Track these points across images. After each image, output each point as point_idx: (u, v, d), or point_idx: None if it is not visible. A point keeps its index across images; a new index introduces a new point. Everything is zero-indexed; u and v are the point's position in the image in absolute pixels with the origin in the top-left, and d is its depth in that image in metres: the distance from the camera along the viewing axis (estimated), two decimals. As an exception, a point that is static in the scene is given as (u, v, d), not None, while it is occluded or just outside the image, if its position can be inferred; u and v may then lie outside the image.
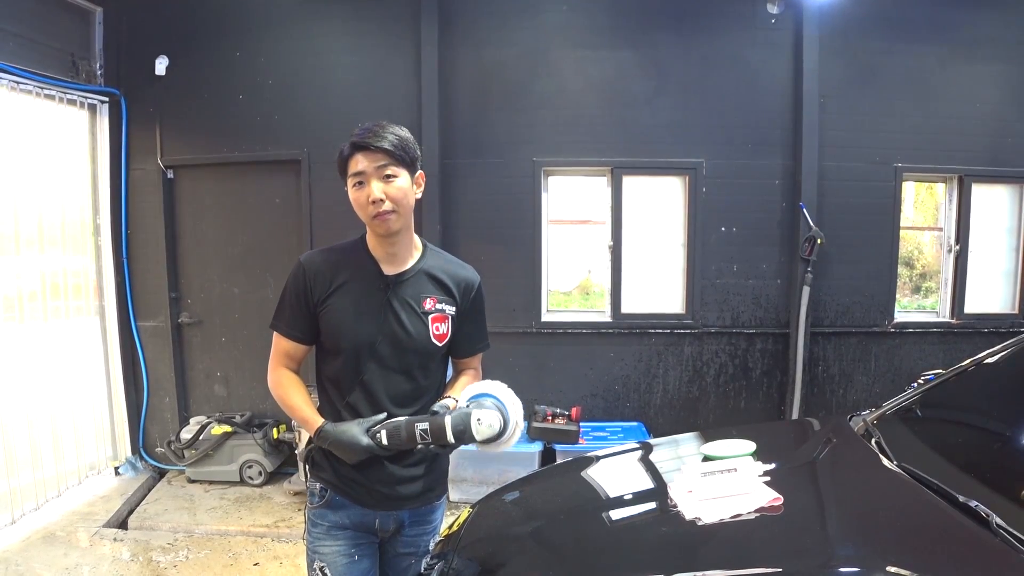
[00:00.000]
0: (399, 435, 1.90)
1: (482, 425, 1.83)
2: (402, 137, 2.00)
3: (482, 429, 1.83)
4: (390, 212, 1.97)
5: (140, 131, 5.42)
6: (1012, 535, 1.56)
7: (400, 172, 1.98)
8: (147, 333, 5.58)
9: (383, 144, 1.95)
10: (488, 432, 1.85)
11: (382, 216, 1.97)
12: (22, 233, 4.72)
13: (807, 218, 5.19)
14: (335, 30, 5.35)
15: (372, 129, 1.98)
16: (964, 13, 5.28)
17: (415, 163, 2.04)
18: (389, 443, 1.90)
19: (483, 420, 1.84)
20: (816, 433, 2.76)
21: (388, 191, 1.96)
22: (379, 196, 1.95)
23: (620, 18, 5.30)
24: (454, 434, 1.84)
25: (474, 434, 1.83)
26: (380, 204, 1.95)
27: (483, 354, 2.27)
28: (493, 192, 5.35)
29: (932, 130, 5.32)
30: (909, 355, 5.48)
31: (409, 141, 2.02)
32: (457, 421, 1.86)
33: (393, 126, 2.01)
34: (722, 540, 1.87)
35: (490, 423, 1.85)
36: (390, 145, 1.95)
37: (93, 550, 4.31)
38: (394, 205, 1.97)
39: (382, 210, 1.96)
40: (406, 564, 2.21)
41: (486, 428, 1.84)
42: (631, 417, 5.48)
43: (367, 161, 1.95)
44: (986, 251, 5.54)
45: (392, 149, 1.95)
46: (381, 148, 1.94)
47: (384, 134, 1.96)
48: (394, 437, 1.91)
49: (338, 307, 2.04)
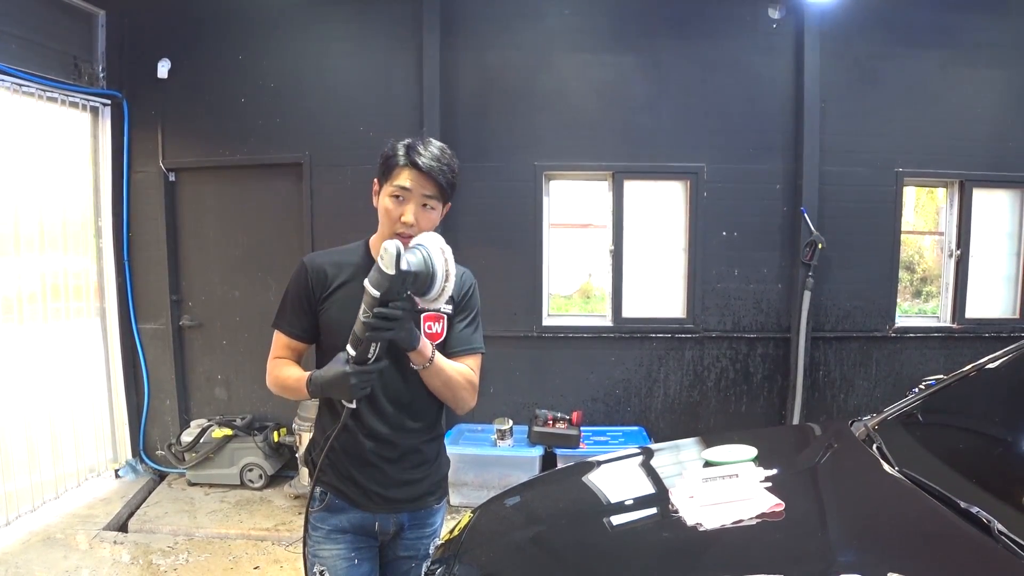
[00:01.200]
0: (355, 336, 1.83)
1: (384, 259, 1.72)
2: (454, 171, 2.02)
3: (385, 261, 1.71)
4: (410, 237, 1.95)
5: (142, 134, 5.43)
6: (1014, 541, 1.55)
7: (439, 207, 2.02)
8: (148, 335, 5.58)
9: (439, 178, 1.97)
10: (389, 257, 1.71)
11: (402, 235, 1.97)
12: (24, 235, 4.73)
13: (808, 222, 5.19)
14: (337, 33, 5.35)
15: (437, 155, 1.98)
16: (965, 18, 5.28)
17: (451, 197, 2.07)
18: (356, 350, 1.83)
19: (383, 255, 1.72)
20: (817, 438, 2.76)
21: (421, 220, 1.98)
22: (412, 221, 1.96)
23: (621, 22, 5.30)
24: (373, 285, 1.74)
25: (384, 270, 1.71)
26: (408, 227, 1.97)
27: (481, 358, 2.20)
28: (494, 196, 5.35)
29: (933, 134, 5.32)
30: (910, 360, 5.47)
31: (456, 173, 2.03)
32: (370, 275, 1.77)
33: (447, 153, 2.03)
34: (723, 546, 1.86)
35: (386, 248, 1.71)
36: (445, 181, 1.98)
37: (93, 552, 4.31)
38: (419, 232, 1.96)
39: (407, 232, 1.96)
40: (406, 568, 2.21)
41: (388, 258, 1.70)
42: (632, 421, 5.48)
43: (417, 183, 1.96)
44: (987, 256, 5.53)
45: (445, 186, 1.99)
46: (435, 180, 1.96)
47: (443, 167, 1.98)
48: (354, 341, 1.84)
49: (337, 306, 2.05)
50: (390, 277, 1.72)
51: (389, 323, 1.77)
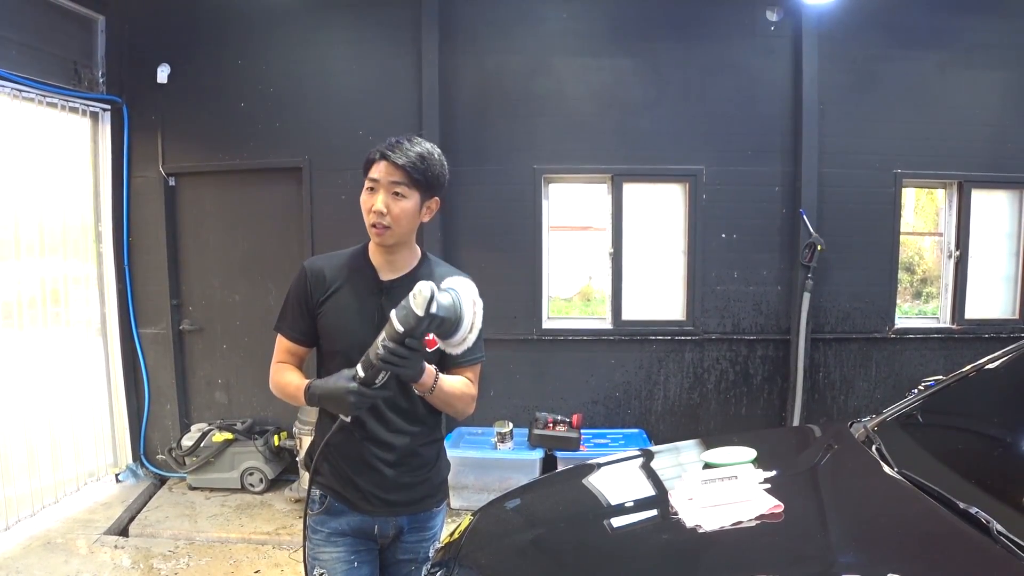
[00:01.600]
0: (368, 359, 1.84)
1: (416, 299, 1.74)
2: (426, 159, 2.00)
3: (417, 301, 1.73)
4: (385, 227, 2.00)
5: (142, 138, 5.43)
6: (1013, 542, 1.56)
7: (410, 193, 2.00)
8: (148, 340, 5.58)
9: (402, 161, 1.96)
10: (422, 299, 1.73)
11: (377, 228, 2.00)
12: (24, 240, 4.73)
13: (807, 224, 5.20)
14: (337, 38, 5.36)
15: (402, 143, 2.00)
16: (963, 19, 5.29)
17: (433, 188, 2.04)
18: (366, 373, 1.84)
19: (417, 294, 1.74)
20: (817, 440, 2.76)
21: (391, 207, 1.98)
22: (381, 208, 1.98)
23: (620, 26, 5.32)
24: (399, 320, 1.76)
25: (414, 310, 1.73)
26: (380, 216, 1.98)
27: (480, 366, 2.19)
28: (494, 199, 5.36)
29: (932, 136, 5.32)
30: (910, 361, 5.48)
31: (434, 165, 2.02)
32: (399, 308, 1.78)
33: (424, 145, 2.03)
34: (723, 547, 1.87)
35: (420, 290, 1.74)
36: (409, 164, 1.97)
37: (94, 557, 4.31)
38: (392, 222, 1.99)
39: (379, 222, 1.99)
40: (406, 571, 2.22)
41: (421, 299, 1.73)
42: (632, 424, 5.48)
43: (385, 172, 1.98)
44: (986, 256, 5.54)
45: (410, 169, 1.97)
46: (399, 165, 1.96)
47: (409, 152, 1.98)
48: (366, 363, 1.84)
49: (334, 310, 2.08)
50: (417, 317, 1.74)
51: (403, 360, 1.79)
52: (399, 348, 1.77)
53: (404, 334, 1.76)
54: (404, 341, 1.77)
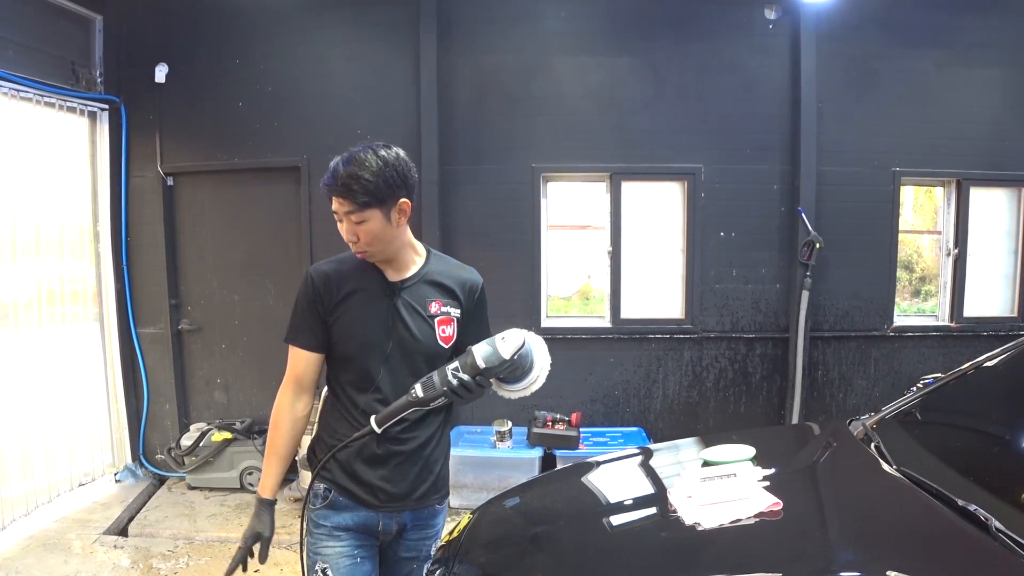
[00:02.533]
0: (432, 383, 1.90)
1: (506, 342, 1.82)
2: (367, 179, 1.91)
3: (507, 345, 1.82)
4: (363, 250, 2.03)
5: (140, 138, 5.43)
6: (1011, 539, 1.56)
7: (369, 215, 1.95)
8: (147, 340, 5.58)
9: (343, 193, 1.93)
10: (514, 346, 1.83)
11: (361, 253, 2.04)
12: (22, 240, 4.72)
13: (806, 223, 5.20)
14: (335, 37, 5.36)
15: (337, 171, 1.94)
16: (961, 18, 5.29)
17: (391, 197, 1.97)
18: (425, 394, 1.91)
19: (507, 338, 1.83)
20: (816, 438, 2.77)
21: (359, 232, 1.99)
22: (351, 238, 2.01)
23: (618, 25, 5.32)
24: (482, 357, 1.83)
25: (500, 352, 1.82)
26: (355, 244, 2.02)
27: None
28: (492, 198, 5.36)
29: (930, 134, 5.33)
30: (908, 359, 5.48)
31: (379, 177, 1.93)
32: (483, 347, 1.86)
33: (363, 163, 1.93)
34: (722, 545, 1.87)
35: (514, 339, 1.83)
36: (349, 193, 1.92)
37: (93, 557, 4.31)
38: (367, 245, 2.01)
39: (357, 248, 2.03)
40: (407, 569, 2.22)
41: (511, 344, 1.82)
42: (631, 422, 5.48)
43: (337, 204, 1.99)
44: (985, 254, 5.54)
45: (353, 197, 1.92)
46: (343, 196, 1.95)
47: (348, 182, 1.91)
48: (427, 386, 1.91)
49: (347, 315, 2.06)
50: (502, 360, 1.83)
51: (470, 394, 1.88)
52: (471, 382, 1.84)
53: (482, 371, 1.83)
54: (476, 378, 1.84)
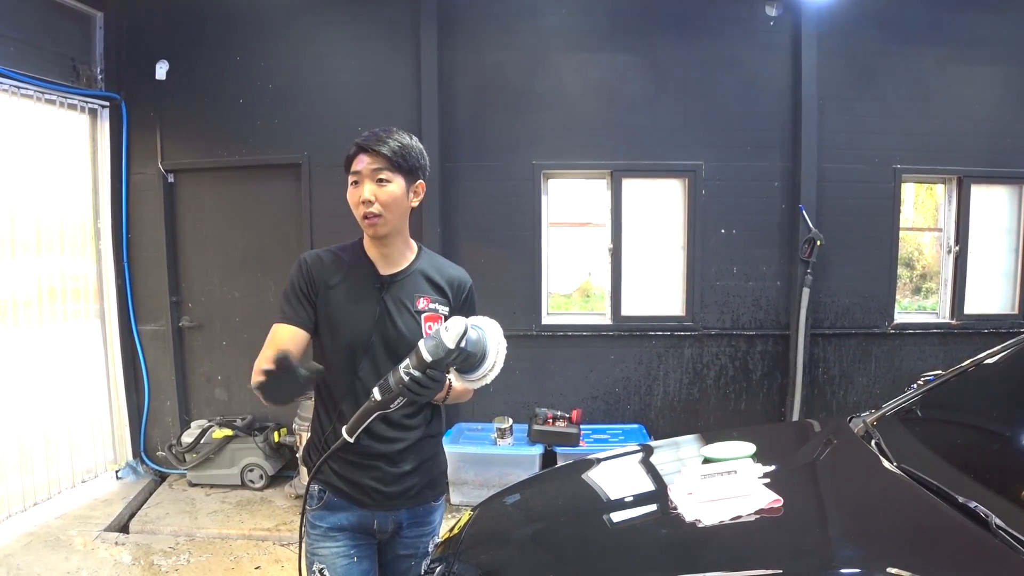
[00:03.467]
0: (387, 384, 1.84)
1: (449, 332, 1.76)
2: (405, 144, 2.03)
3: (450, 335, 1.76)
4: (377, 215, 2.00)
5: (141, 135, 5.43)
6: (1011, 536, 1.56)
7: (394, 178, 2.01)
8: (148, 337, 5.58)
9: (382, 148, 1.99)
10: (456, 334, 1.76)
11: (370, 218, 2.01)
12: (22, 237, 4.73)
13: (806, 220, 5.19)
14: (335, 34, 5.36)
15: (378, 133, 2.03)
16: (962, 14, 5.29)
17: (415, 172, 2.06)
18: (383, 396, 1.84)
19: (450, 328, 1.77)
20: (816, 435, 2.76)
21: (378, 194, 1.99)
22: (368, 197, 1.99)
23: (619, 21, 5.31)
24: (428, 350, 1.78)
25: (445, 342, 1.76)
26: (369, 205, 1.99)
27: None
28: (493, 195, 5.36)
29: (931, 131, 5.32)
30: (909, 356, 5.48)
31: (412, 149, 2.05)
32: (428, 340, 1.81)
33: (401, 133, 2.06)
34: (722, 542, 1.87)
35: (454, 324, 1.78)
36: (389, 151, 1.99)
37: (94, 554, 4.31)
38: (382, 209, 2.00)
39: (370, 211, 2.00)
40: (405, 567, 2.22)
41: (454, 333, 1.76)
42: (632, 419, 5.49)
43: (365, 163, 2.00)
44: (986, 252, 5.55)
45: (390, 154, 1.99)
46: (379, 152, 1.98)
47: (387, 139, 2.01)
48: (384, 388, 1.85)
49: (334, 304, 2.06)
50: (448, 350, 1.77)
51: (424, 389, 1.81)
52: (422, 377, 1.79)
53: (430, 364, 1.78)
54: (426, 371, 1.79)
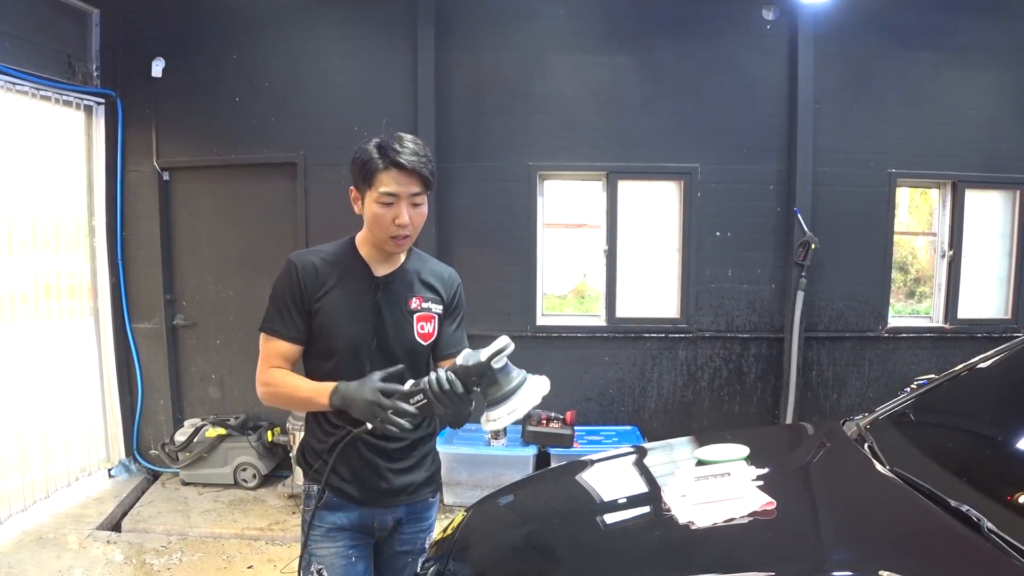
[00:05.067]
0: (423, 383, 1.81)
1: (490, 346, 1.74)
2: (428, 157, 1.98)
3: (487, 348, 1.74)
4: (407, 236, 1.98)
5: (136, 133, 5.41)
6: (1003, 539, 1.56)
7: (425, 199, 1.99)
8: (142, 335, 5.56)
9: (423, 171, 1.93)
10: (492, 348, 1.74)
11: (401, 240, 1.97)
12: (17, 234, 4.70)
13: (801, 223, 5.21)
14: (332, 33, 5.35)
15: (413, 150, 1.93)
16: (958, 20, 5.30)
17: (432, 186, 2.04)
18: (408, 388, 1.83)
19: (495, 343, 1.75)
20: (809, 438, 2.77)
21: (414, 217, 1.96)
22: (407, 222, 1.94)
23: (616, 23, 5.31)
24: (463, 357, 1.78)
25: (480, 352, 1.75)
26: (403, 228, 1.95)
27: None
28: (488, 196, 5.35)
29: (926, 136, 5.34)
30: (903, 360, 5.49)
31: (432, 162, 2.00)
32: (467, 351, 1.80)
33: (420, 144, 1.98)
34: (715, 544, 1.87)
35: (498, 343, 1.75)
36: (428, 173, 1.95)
37: (86, 552, 4.30)
38: (413, 231, 1.98)
39: (403, 235, 1.96)
40: (403, 564, 2.22)
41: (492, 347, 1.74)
42: (626, 421, 5.49)
43: (402, 183, 1.92)
44: (980, 256, 5.56)
45: (429, 178, 1.95)
46: (420, 174, 1.93)
47: (422, 159, 1.94)
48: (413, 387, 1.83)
49: (330, 309, 2.02)
50: (478, 360, 1.75)
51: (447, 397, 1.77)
52: (447, 379, 1.77)
53: (458, 370, 1.77)
54: (452, 377, 1.77)
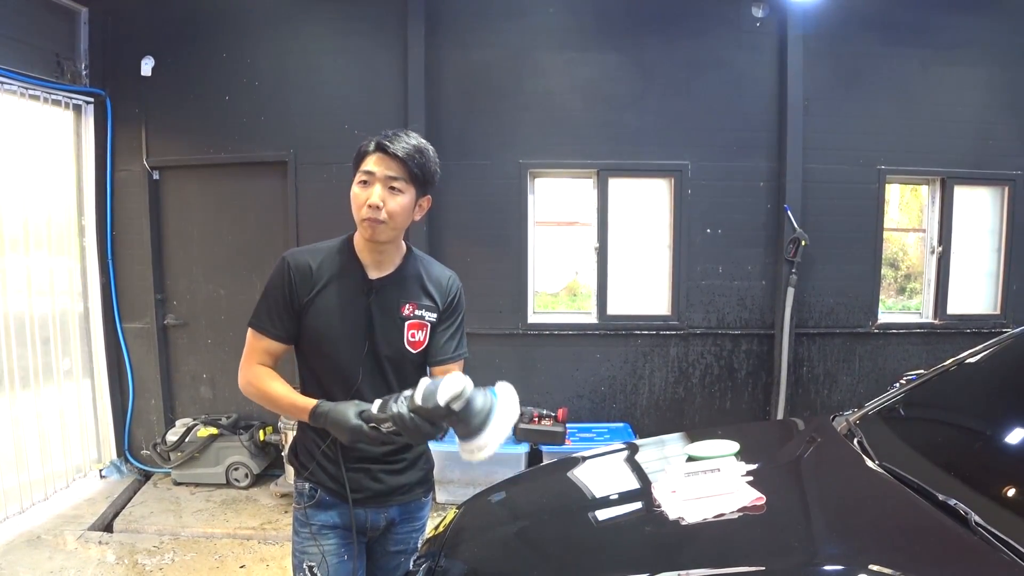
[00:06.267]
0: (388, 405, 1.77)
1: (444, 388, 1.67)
2: (424, 153, 1.97)
3: (444, 391, 1.67)
4: (380, 222, 1.94)
5: (125, 132, 5.39)
6: (991, 533, 1.58)
7: (407, 189, 1.96)
8: (132, 335, 5.54)
9: (401, 153, 1.92)
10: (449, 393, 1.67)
11: (372, 222, 1.94)
12: (6, 234, 4.68)
13: (791, 220, 5.23)
14: (322, 31, 5.33)
15: (400, 135, 1.96)
16: (946, 17, 5.33)
17: (427, 185, 2.01)
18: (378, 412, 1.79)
19: (449, 384, 1.68)
20: (799, 433, 2.79)
21: (388, 202, 1.93)
22: (377, 202, 1.92)
23: (606, 21, 5.32)
24: (420, 393, 1.71)
25: (437, 395, 1.68)
26: (375, 211, 1.92)
27: (464, 363, 2.19)
28: (479, 194, 5.35)
29: (915, 132, 5.37)
30: (893, 355, 5.52)
31: (430, 162, 1.99)
32: (429, 384, 1.74)
33: (422, 142, 1.99)
34: (705, 539, 1.88)
35: (454, 383, 1.68)
36: (409, 158, 1.93)
37: (78, 553, 4.29)
38: (387, 217, 1.94)
39: (375, 217, 1.93)
40: (396, 563, 2.22)
41: (447, 392, 1.67)
42: (617, 418, 5.50)
43: (381, 165, 1.93)
44: (969, 252, 5.60)
45: (408, 162, 1.93)
46: (399, 157, 1.92)
47: (409, 144, 1.95)
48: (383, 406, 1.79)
49: (321, 310, 2.01)
50: (436, 404, 1.69)
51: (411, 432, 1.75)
52: (408, 418, 1.73)
53: (417, 408, 1.72)
54: (413, 414, 1.72)
